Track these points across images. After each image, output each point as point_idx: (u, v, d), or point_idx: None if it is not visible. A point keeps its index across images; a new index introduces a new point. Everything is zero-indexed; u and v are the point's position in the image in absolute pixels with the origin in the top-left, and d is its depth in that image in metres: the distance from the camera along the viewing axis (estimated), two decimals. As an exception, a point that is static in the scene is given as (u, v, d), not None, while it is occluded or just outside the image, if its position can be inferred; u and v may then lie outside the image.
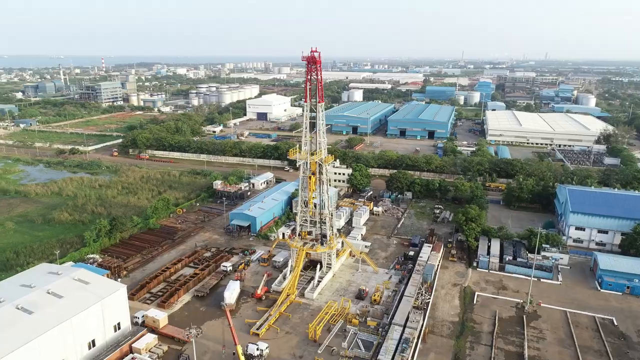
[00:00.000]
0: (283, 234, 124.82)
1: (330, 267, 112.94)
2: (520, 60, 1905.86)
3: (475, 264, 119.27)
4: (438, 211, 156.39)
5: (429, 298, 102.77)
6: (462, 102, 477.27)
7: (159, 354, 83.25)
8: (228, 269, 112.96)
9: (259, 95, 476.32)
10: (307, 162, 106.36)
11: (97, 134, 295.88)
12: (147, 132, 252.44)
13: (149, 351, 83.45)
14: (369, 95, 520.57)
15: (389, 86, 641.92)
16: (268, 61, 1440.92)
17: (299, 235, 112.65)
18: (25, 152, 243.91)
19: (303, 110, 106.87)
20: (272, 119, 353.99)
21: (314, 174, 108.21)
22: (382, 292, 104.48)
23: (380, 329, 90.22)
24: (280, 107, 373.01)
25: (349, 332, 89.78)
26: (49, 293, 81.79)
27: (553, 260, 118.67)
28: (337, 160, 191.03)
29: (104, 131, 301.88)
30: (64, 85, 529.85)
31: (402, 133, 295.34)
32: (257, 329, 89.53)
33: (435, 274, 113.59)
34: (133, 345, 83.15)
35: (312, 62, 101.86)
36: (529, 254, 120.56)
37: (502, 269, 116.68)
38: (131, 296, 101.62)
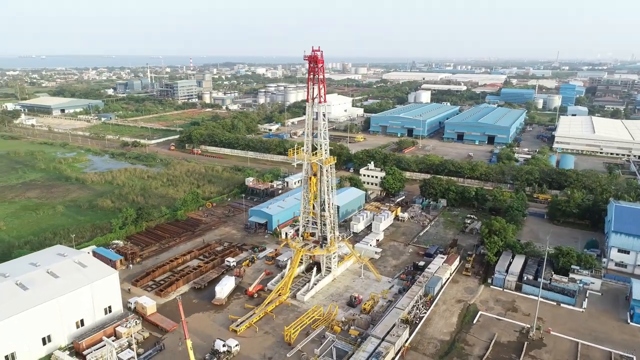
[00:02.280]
0: (286, 233, 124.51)
1: (330, 271, 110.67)
2: (626, 61, 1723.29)
3: (490, 281, 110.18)
4: (469, 221, 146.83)
5: (425, 312, 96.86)
6: (540, 106, 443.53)
7: (139, 340, 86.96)
8: (231, 264, 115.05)
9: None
10: (306, 163, 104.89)
11: (164, 128, 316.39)
12: (203, 128, 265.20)
13: (131, 336, 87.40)
14: (439, 96, 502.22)
15: (464, 88, 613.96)
16: (350, 61, 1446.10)
17: (301, 236, 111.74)
18: (96, 144, 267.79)
19: (307, 110, 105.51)
20: (330, 119, 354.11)
21: (315, 175, 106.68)
22: (375, 301, 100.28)
23: (359, 340, 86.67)
24: (339, 107, 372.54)
25: (327, 338, 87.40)
26: (48, 272, 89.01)
27: (581, 285, 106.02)
28: (372, 162, 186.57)
29: (171, 126, 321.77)
30: (149, 83, 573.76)
31: (460, 137, 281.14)
32: (237, 326, 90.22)
33: (442, 287, 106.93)
34: (117, 328, 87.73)
35: (313, 62, 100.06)
36: (553, 275, 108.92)
37: (518, 288, 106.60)
38: (135, 283, 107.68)
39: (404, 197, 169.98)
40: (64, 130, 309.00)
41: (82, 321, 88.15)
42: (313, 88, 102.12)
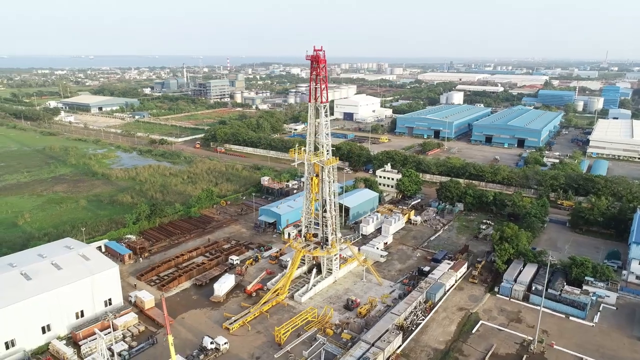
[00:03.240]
0: (289, 234, 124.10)
1: (330, 273, 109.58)
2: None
3: (496, 290, 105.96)
4: (484, 227, 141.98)
5: (423, 319, 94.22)
6: (579, 109, 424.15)
7: (134, 333, 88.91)
8: (234, 262, 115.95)
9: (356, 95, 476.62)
10: (308, 164, 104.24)
11: (192, 127, 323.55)
12: (228, 127, 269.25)
13: (127, 329, 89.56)
14: (473, 98, 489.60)
15: (501, 89, 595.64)
16: (386, 61, 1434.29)
17: (304, 236, 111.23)
18: (126, 141, 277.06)
19: (309, 111, 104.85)
20: (357, 119, 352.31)
21: (317, 175, 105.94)
22: (373, 305, 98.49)
23: (350, 344, 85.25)
24: (367, 108, 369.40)
25: (318, 341, 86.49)
26: (52, 264, 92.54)
27: (594, 297, 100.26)
28: (389, 164, 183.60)
29: (199, 125, 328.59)
30: (185, 83, 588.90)
31: (489, 140, 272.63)
32: (230, 324, 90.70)
33: (445, 294, 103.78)
34: (113, 321, 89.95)
35: (315, 61, 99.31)
36: (565, 286, 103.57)
37: (526, 298, 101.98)
38: (139, 277, 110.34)
39: (419, 200, 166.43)
40: (99, 127, 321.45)
41: (82, 312, 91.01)
42: (315, 88, 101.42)
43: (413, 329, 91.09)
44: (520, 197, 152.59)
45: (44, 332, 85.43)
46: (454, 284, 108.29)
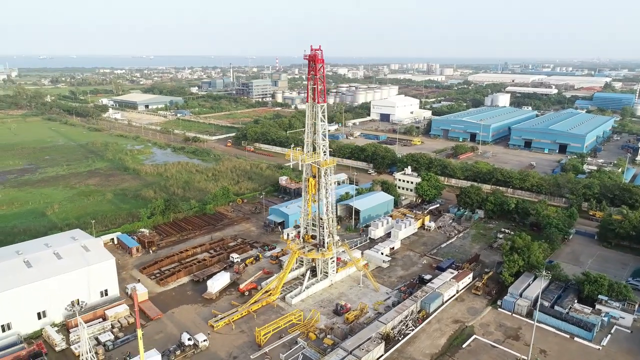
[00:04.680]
0: (288, 234, 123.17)
1: (326, 276, 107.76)
2: None
3: (499, 303, 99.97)
4: (501, 236, 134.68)
5: (412, 329, 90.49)
6: (639, 113, 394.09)
7: (123, 324, 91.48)
8: (235, 260, 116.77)
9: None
10: (304, 165, 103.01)
11: (228, 125, 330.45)
12: (259, 126, 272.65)
13: (117, 320, 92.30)
14: (521, 100, 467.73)
15: (554, 91, 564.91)
16: (438, 62, 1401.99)
17: (302, 238, 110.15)
18: (163, 138, 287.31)
19: (307, 111, 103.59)
20: (393, 121, 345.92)
21: (314, 176, 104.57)
22: (364, 312, 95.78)
23: (329, 350, 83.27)
24: (405, 109, 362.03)
25: (298, 344, 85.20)
26: (54, 253, 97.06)
27: (606, 318, 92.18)
28: (409, 167, 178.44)
29: (235, 123, 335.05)
30: (231, 82, 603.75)
31: (528, 144, 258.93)
32: (215, 322, 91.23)
33: (442, 304, 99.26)
34: (106, 311, 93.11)
35: (313, 61, 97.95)
36: (575, 304, 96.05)
37: (530, 314, 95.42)
38: (142, 270, 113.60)
39: (438, 205, 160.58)
40: (141, 124, 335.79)
41: (78, 301, 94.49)
42: (313, 88, 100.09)
43: (400, 339, 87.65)
44: (545, 205, 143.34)
45: (39, 318, 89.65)
46: (454, 295, 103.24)
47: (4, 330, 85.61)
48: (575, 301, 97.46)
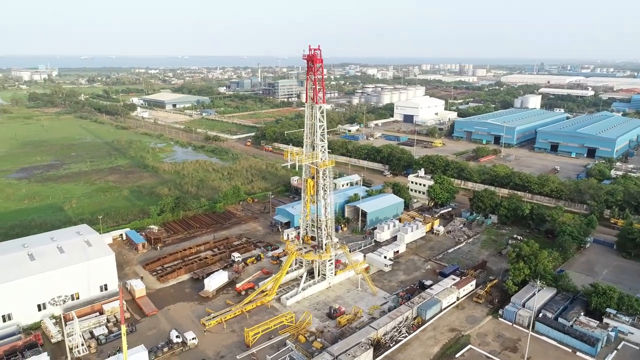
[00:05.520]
0: (288, 235, 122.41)
1: (324, 278, 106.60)
2: None
3: (500, 313, 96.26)
4: (512, 241, 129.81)
5: (405, 336, 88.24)
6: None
7: (119, 319, 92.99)
8: (235, 260, 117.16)
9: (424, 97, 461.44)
10: (303, 165, 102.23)
11: (250, 125, 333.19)
12: (279, 126, 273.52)
13: (114, 315, 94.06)
14: (554, 102, 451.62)
15: (591, 93, 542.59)
16: (472, 62, 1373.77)
17: (301, 239, 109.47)
18: (186, 136, 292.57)
19: (305, 111, 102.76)
20: (417, 122, 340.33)
21: (313, 177, 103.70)
22: (358, 316, 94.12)
23: (317, 353, 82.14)
24: (429, 110, 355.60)
25: (286, 346, 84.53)
26: (57, 247, 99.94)
27: (613, 333, 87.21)
28: (422, 169, 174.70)
29: (258, 123, 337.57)
30: (258, 82, 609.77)
31: (554, 148, 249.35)
32: (207, 320, 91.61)
33: (440, 311, 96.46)
34: (103, 305, 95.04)
35: (311, 61, 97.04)
36: (581, 316, 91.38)
37: (532, 326, 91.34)
38: (145, 266, 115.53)
39: (450, 209, 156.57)
40: (166, 123, 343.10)
41: (78, 295, 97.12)
42: (313, 88, 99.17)
43: (391, 345, 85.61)
44: (561, 212, 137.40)
45: (39, 309, 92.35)
46: (454, 302, 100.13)
47: (4, 321, 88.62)
48: (582, 314, 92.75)
